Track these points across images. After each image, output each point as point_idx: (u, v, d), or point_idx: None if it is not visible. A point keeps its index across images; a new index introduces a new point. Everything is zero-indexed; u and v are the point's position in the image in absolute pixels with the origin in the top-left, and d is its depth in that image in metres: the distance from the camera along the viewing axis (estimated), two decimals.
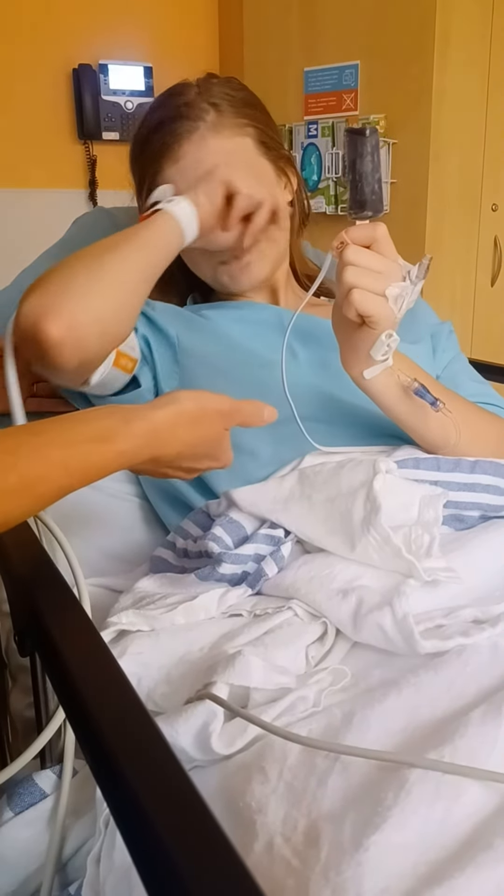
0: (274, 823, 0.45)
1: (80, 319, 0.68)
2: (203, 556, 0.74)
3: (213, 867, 0.31)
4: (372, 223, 0.70)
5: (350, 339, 0.73)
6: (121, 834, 0.37)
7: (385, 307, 0.68)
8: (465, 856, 0.39)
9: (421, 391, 0.74)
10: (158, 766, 0.36)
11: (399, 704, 0.53)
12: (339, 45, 1.94)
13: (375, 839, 0.41)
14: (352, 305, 0.68)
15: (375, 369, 0.73)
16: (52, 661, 0.48)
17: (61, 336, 0.66)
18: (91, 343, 0.70)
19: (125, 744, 0.38)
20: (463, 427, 0.78)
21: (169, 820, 0.33)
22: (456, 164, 1.87)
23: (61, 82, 2.09)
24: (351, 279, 0.67)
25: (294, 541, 0.72)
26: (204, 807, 0.33)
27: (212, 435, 0.63)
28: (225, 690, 0.55)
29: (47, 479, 0.51)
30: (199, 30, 2.27)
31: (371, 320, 0.69)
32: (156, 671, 0.61)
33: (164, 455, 0.60)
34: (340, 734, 0.51)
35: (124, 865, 0.50)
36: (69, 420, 0.55)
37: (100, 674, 0.44)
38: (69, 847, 0.61)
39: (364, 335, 0.71)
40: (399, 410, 0.77)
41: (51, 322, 0.66)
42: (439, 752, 0.46)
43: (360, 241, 0.69)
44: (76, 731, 0.44)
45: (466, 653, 0.57)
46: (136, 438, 0.56)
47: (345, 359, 0.75)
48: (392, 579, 0.64)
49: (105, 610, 0.72)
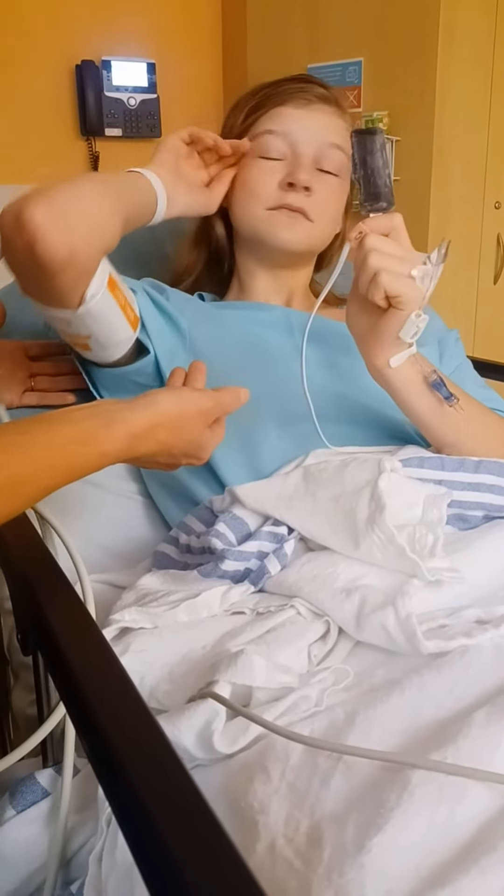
0: (276, 824, 0.45)
1: (62, 200, 0.67)
2: (206, 552, 0.74)
3: (214, 867, 0.30)
4: (388, 214, 0.73)
5: (374, 327, 0.73)
6: (122, 833, 0.37)
7: (413, 287, 0.70)
8: (468, 858, 0.39)
9: (438, 383, 0.75)
10: (160, 765, 0.36)
11: (402, 705, 0.53)
12: (343, 41, 1.94)
13: (378, 840, 0.41)
14: (380, 287, 0.69)
15: (402, 356, 0.73)
16: (55, 660, 0.48)
17: (45, 215, 0.65)
18: (76, 227, 0.67)
19: (127, 743, 0.38)
20: (472, 426, 0.79)
21: (171, 819, 0.33)
22: (459, 162, 1.87)
23: (64, 78, 2.09)
24: (377, 262, 0.69)
25: (297, 538, 0.72)
26: (206, 806, 0.33)
27: (192, 436, 0.65)
28: (227, 689, 0.55)
29: (33, 479, 0.53)
30: (203, 26, 2.26)
31: (399, 300, 0.69)
32: (158, 669, 0.61)
33: (143, 454, 0.62)
34: (343, 734, 0.51)
35: (126, 864, 0.50)
36: (53, 420, 0.57)
37: (102, 673, 0.44)
38: (71, 845, 0.61)
39: (390, 319, 0.71)
40: (419, 404, 0.77)
41: (34, 204, 0.65)
42: (442, 754, 0.46)
43: (378, 230, 0.71)
44: (78, 729, 0.44)
45: (469, 653, 0.56)
46: (117, 441, 0.58)
47: (369, 350, 0.75)
48: (395, 579, 0.64)
49: (107, 605, 0.72)
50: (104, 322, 0.78)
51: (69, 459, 0.55)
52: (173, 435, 0.63)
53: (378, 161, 0.72)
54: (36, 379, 0.96)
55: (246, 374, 0.86)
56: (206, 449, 0.68)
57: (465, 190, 1.90)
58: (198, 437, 0.66)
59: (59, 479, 0.55)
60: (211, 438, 0.68)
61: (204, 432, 0.67)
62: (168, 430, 0.62)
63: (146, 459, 0.65)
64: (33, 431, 0.55)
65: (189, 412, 0.64)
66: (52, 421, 0.57)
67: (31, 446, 0.53)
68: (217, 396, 0.67)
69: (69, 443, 0.55)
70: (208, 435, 0.68)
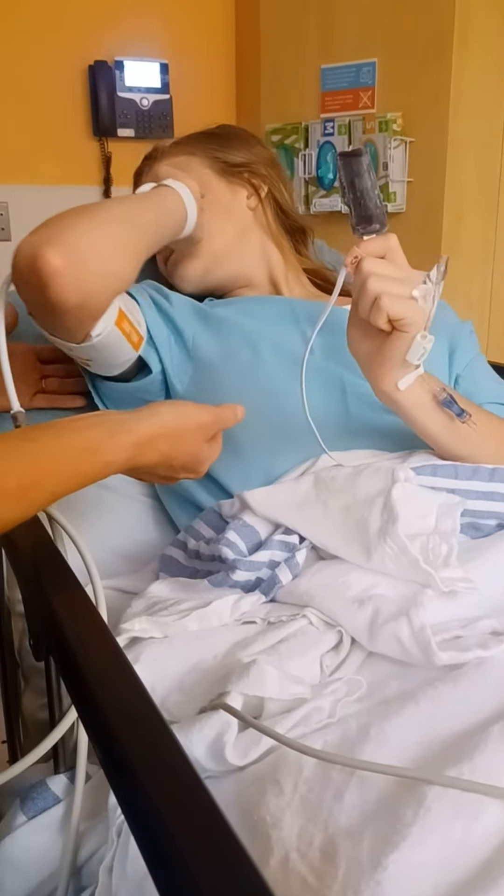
0: (289, 838, 0.45)
1: (80, 248, 0.66)
2: (216, 559, 0.74)
3: (231, 880, 0.30)
4: (382, 235, 0.71)
5: (379, 351, 0.71)
6: (136, 841, 0.36)
7: (416, 308, 0.68)
8: (487, 877, 0.39)
9: (449, 401, 0.73)
10: (175, 774, 0.36)
11: (417, 717, 0.52)
12: (357, 42, 1.93)
13: (394, 858, 0.40)
14: (382, 311, 0.67)
15: (410, 378, 0.71)
16: (68, 666, 0.48)
17: (61, 263, 0.65)
18: (92, 276, 0.68)
19: (141, 750, 0.37)
20: (486, 439, 0.77)
21: (186, 829, 0.32)
22: (473, 163, 1.85)
23: (77, 79, 2.09)
24: (377, 286, 0.67)
25: (309, 547, 0.71)
26: (222, 817, 0.32)
27: (191, 449, 0.66)
28: (239, 700, 0.54)
29: (41, 485, 0.54)
30: (216, 27, 2.25)
31: (403, 323, 0.68)
32: (169, 679, 0.60)
33: (145, 465, 0.63)
34: (356, 747, 0.51)
35: (137, 876, 0.50)
36: (59, 427, 0.58)
37: (116, 681, 0.44)
38: (82, 853, 0.60)
39: (395, 343, 0.70)
40: (431, 424, 0.75)
41: (51, 249, 0.65)
42: (458, 770, 0.45)
43: (374, 253, 0.70)
44: (91, 737, 0.44)
45: (485, 665, 0.56)
46: (121, 451, 0.59)
47: (375, 374, 0.73)
48: (409, 588, 0.63)
49: (116, 612, 0.72)
50: (106, 353, 0.80)
51: (75, 467, 0.56)
52: (174, 447, 0.64)
53: (366, 182, 0.70)
54: (46, 381, 0.96)
55: (254, 367, 0.86)
56: (203, 463, 0.69)
57: (479, 191, 1.89)
58: (197, 451, 0.67)
59: (65, 486, 0.56)
60: (209, 453, 0.69)
61: (203, 447, 0.68)
62: (169, 442, 0.63)
63: (146, 471, 0.65)
64: (41, 438, 0.56)
65: (189, 425, 0.65)
66: (59, 428, 0.58)
67: (40, 453, 0.54)
68: (216, 411, 0.68)
69: (75, 450, 0.56)
70: (207, 450, 0.68)
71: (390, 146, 1.85)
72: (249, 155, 1.02)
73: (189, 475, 0.69)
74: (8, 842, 0.60)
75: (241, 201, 1.01)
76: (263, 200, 1.02)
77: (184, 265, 0.97)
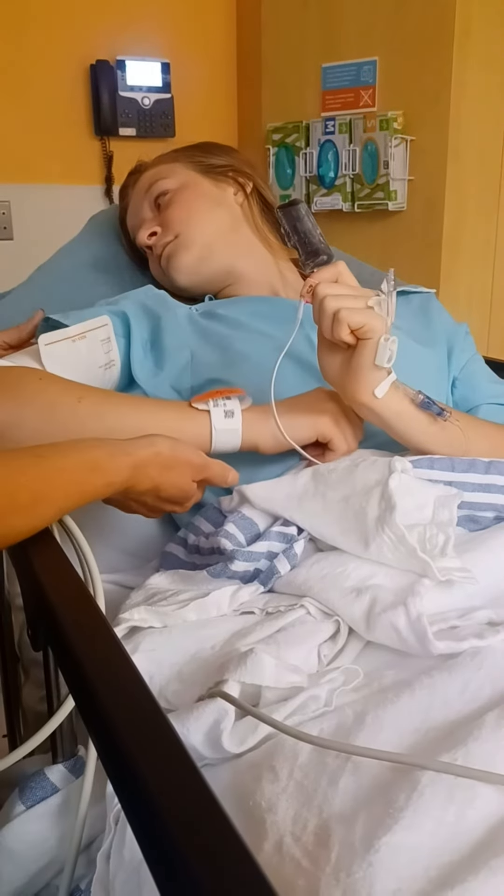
0: (284, 822, 0.45)
1: None
2: (215, 552, 0.74)
3: (225, 864, 0.30)
4: (332, 264, 0.77)
5: (348, 364, 0.75)
6: (132, 829, 0.36)
7: (374, 314, 0.72)
8: (478, 859, 0.39)
9: (427, 402, 0.75)
10: (171, 762, 0.36)
11: (412, 705, 0.52)
12: (357, 40, 1.93)
13: (387, 840, 0.40)
14: (342, 323, 0.71)
15: (385, 384, 0.74)
16: (65, 655, 0.48)
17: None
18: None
19: (138, 739, 0.38)
20: (471, 434, 0.79)
21: (181, 817, 0.33)
22: (474, 161, 1.86)
23: (79, 78, 2.09)
24: (334, 304, 0.72)
25: (307, 538, 0.72)
26: (216, 803, 0.33)
27: (181, 483, 0.69)
28: (236, 689, 0.54)
29: (50, 499, 0.57)
30: (217, 26, 2.26)
31: (364, 330, 0.72)
32: (167, 668, 0.61)
33: (135, 490, 0.66)
34: (352, 734, 0.51)
35: (134, 862, 0.50)
36: (66, 446, 0.61)
37: (113, 670, 0.44)
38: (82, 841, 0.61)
39: (362, 351, 0.73)
40: (414, 427, 0.77)
41: None
42: (452, 755, 0.45)
43: (326, 280, 0.75)
44: (88, 726, 0.44)
45: (481, 655, 0.56)
46: (121, 472, 0.63)
47: (350, 388, 0.75)
48: (406, 578, 0.63)
49: (116, 606, 0.72)
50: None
51: (80, 486, 0.59)
52: (164, 478, 0.67)
53: (307, 225, 0.81)
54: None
55: (253, 362, 0.88)
56: (189, 500, 0.72)
57: (481, 189, 1.89)
58: (184, 485, 0.70)
59: (70, 502, 0.59)
60: (194, 493, 0.72)
61: (191, 483, 0.71)
62: (160, 469, 0.66)
63: (135, 496, 0.68)
64: (49, 455, 0.59)
65: (181, 459, 0.68)
66: (64, 446, 0.61)
67: (49, 469, 0.58)
68: (208, 459, 0.72)
69: (79, 469, 0.60)
70: (193, 488, 0.71)
71: (391, 144, 1.85)
72: (230, 158, 1.07)
73: (174, 508, 0.72)
74: (6, 831, 0.60)
75: (230, 196, 1.05)
76: (249, 196, 1.06)
77: (178, 256, 0.99)
